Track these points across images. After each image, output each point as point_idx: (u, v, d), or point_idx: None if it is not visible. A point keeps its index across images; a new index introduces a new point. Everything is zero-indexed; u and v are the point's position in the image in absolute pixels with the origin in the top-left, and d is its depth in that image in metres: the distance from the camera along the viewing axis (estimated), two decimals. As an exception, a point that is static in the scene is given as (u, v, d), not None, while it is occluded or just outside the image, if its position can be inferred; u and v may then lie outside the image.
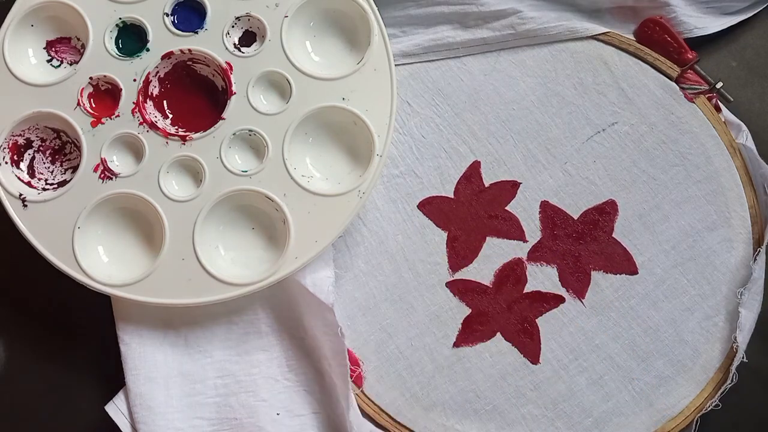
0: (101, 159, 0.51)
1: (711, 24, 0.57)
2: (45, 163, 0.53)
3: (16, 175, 0.52)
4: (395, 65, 0.52)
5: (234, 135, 0.51)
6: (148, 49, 0.52)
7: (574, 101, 0.56)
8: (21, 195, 0.51)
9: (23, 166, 0.53)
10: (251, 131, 0.51)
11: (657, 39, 0.57)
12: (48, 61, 0.54)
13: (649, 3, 0.57)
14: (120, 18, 0.52)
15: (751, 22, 0.59)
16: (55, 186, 0.52)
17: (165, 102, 0.53)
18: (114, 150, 0.52)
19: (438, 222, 0.55)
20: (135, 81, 0.52)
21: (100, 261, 0.51)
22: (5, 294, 0.57)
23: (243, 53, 0.52)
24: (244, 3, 0.52)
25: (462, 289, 0.54)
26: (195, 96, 0.54)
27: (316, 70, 0.52)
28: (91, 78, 0.52)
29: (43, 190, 0.52)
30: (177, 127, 0.53)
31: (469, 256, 0.55)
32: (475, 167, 0.56)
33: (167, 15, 0.53)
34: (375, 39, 0.52)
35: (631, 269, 0.54)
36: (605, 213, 0.55)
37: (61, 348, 0.56)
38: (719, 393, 0.52)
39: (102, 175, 0.51)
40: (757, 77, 0.58)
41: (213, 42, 0.52)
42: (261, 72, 0.52)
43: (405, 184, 0.56)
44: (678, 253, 0.54)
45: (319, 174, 0.52)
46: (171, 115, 0.53)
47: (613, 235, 0.55)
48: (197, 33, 0.52)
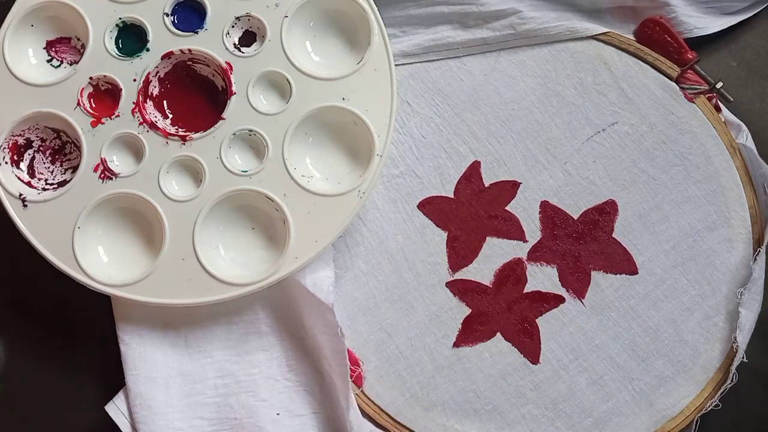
0: (101, 159, 0.51)
1: (711, 24, 0.57)
2: (45, 163, 0.53)
3: (16, 175, 0.52)
4: (395, 65, 0.52)
5: (234, 135, 0.51)
6: (148, 49, 0.52)
7: (574, 101, 0.56)
8: (21, 195, 0.51)
9: (23, 166, 0.53)
10: (251, 131, 0.51)
11: (657, 39, 0.57)
12: (48, 61, 0.54)
13: (649, 3, 0.57)
14: (120, 18, 0.52)
15: (751, 22, 0.59)
16: (55, 186, 0.52)
17: (165, 102, 0.53)
18: (114, 150, 0.52)
19: (438, 222, 0.55)
20: (135, 81, 0.52)
21: (100, 261, 0.51)
22: (5, 294, 0.57)
23: (243, 53, 0.52)
24: (244, 3, 0.52)
25: (462, 289, 0.54)
26: (195, 96, 0.54)
27: (316, 70, 0.52)
28: (91, 78, 0.52)
29: (43, 190, 0.52)
30: (177, 127, 0.53)
31: (469, 256, 0.55)
32: (475, 167, 0.56)
33: (167, 15, 0.53)
34: (375, 39, 0.52)
35: (631, 269, 0.54)
36: (605, 213, 0.55)
37: (61, 348, 0.56)
38: (719, 393, 0.52)
39: (102, 175, 0.51)
40: (757, 77, 0.58)
41: (213, 42, 0.52)
42: (261, 72, 0.52)
43: (405, 184, 0.56)
44: (678, 253, 0.54)
45: (319, 174, 0.52)
46: (171, 115, 0.53)
47: (613, 235, 0.55)
48: (197, 33, 0.52)
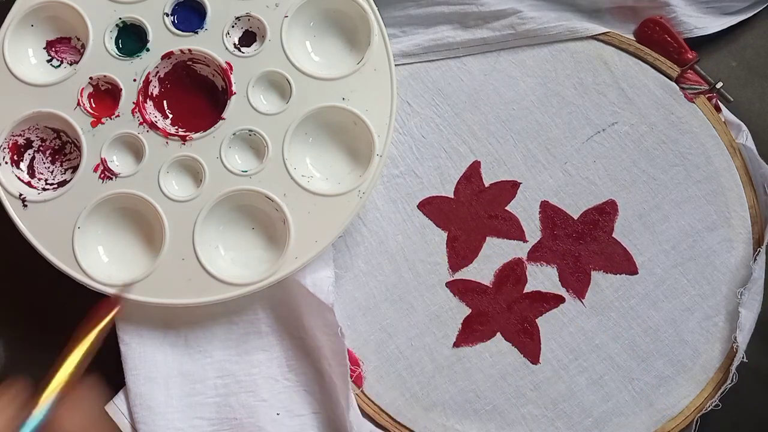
0: (101, 159, 0.51)
1: (711, 24, 0.57)
2: (45, 163, 0.53)
3: (16, 175, 0.52)
4: (395, 65, 0.52)
5: (234, 135, 0.51)
6: (148, 49, 0.52)
7: (574, 101, 0.56)
8: (21, 195, 0.51)
9: (23, 166, 0.53)
10: (251, 131, 0.51)
11: (657, 39, 0.56)
12: (48, 61, 0.54)
13: (649, 3, 0.57)
14: (120, 18, 0.52)
15: (751, 22, 0.59)
16: (55, 186, 0.52)
17: (165, 102, 0.53)
18: (114, 150, 0.52)
19: (438, 222, 0.55)
20: (135, 81, 0.52)
21: (100, 261, 0.51)
22: (5, 294, 0.56)
23: (243, 53, 0.52)
24: (244, 3, 0.52)
25: (462, 289, 0.54)
26: (195, 96, 0.54)
27: (316, 70, 0.52)
28: (91, 78, 0.52)
29: (43, 190, 0.52)
30: (177, 127, 0.53)
31: (469, 256, 0.55)
32: (475, 167, 0.56)
33: (167, 15, 0.53)
34: (375, 39, 0.52)
35: (631, 269, 0.54)
36: (605, 213, 0.55)
37: (61, 348, 0.55)
38: (719, 393, 0.52)
39: (102, 175, 0.51)
40: (757, 77, 0.58)
41: (213, 42, 0.52)
42: (261, 72, 0.52)
43: (405, 184, 0.56)
44: (678, 253, 0.54)
45: (319, 174, 0.52)
46: (171, 115, 0.53)
47: (613, 235, 0.55)
48: (197, 33, 0.52)
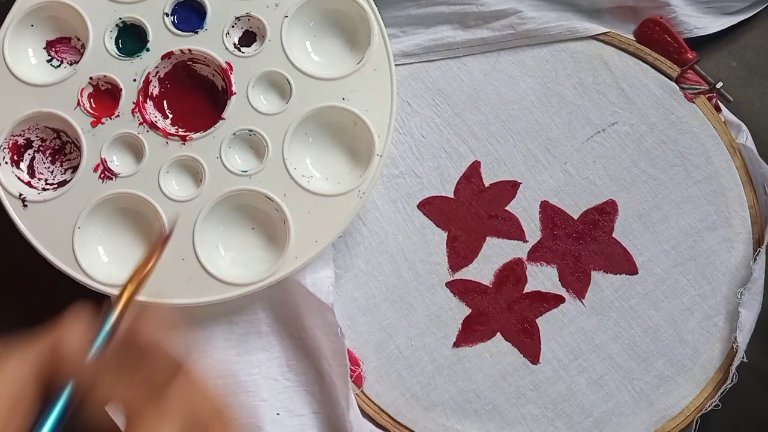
0: (101, 159, 0.51)
1: (711, 24, 0.57)
2: (45, 163, 0.53)
3: (16, 175, 0.52)
4: (395, 65, 0.52)
5: (234, 135, 0.51)
6: (148, 49, 0.52)
7: (574, 101, 0.56)
8: (21, 195, 0.51)
9: (23, 166, 0.53)
10: (251, 131, 0.51)
11: (657, 39, 0.56)
12: (48, 61, 0.54)
13: (649, 3, 0.57)
14: (120, 18, 0.52)
15: (751, 22, 0.59)
16: (55, 186, 0.52)
17: (165, 102, 0.53)
18: (114, 150, 0.52)
19: (438, 222, 0.55)
20: (135, 81, 0.52)
21: (100, 261, 0.51)
22: (5, 294, 0.56)
23: (243, 53, 0.52)
24: (244, 3, 0.52)
25: (462, 289, 0.54)
26: (195, 96, 0.54)
27: (316, 70, 0.52)
28: (91, 78, 0.52)
29: (43, 190, 0.52)
30: (177, 127, 0.53)
31: (469, 256, 0.55)
32: (475, 167, 0.56)
33: (167, 15, 0.53)
34: (375, 39, 0.52)
35: (631, 269, 0.54)
36: (605, 213, 0.55)
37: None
38: (719, 393, 0.52)
39: (102, 175, 0.51)
40: (757, 77, 0.58)
41: (213, 42, 0.52)
42: (261, 72, 0.52)
43: (405, 184, 0.56)
44: (678, 253, 0.54)
45: (319, 174, 0.52)
46: (171, 115, 0.53)
47: (613, 235, 0.55)
48: (197, 33, 0.52)
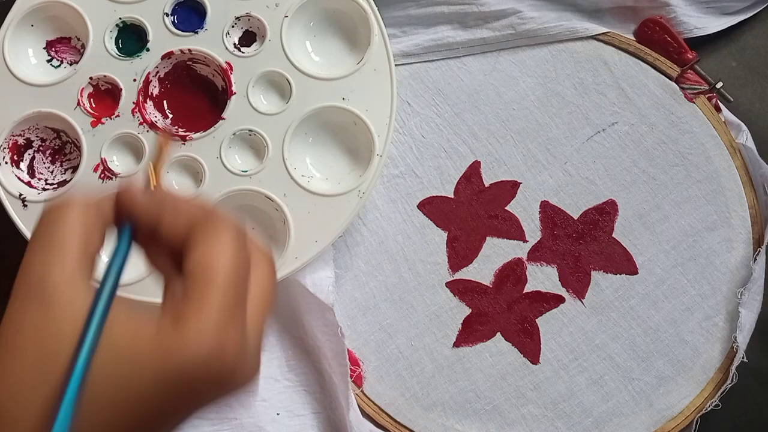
0: (101, 159, 0.51)
1: (711, 24, 0.57)
2: (45, 163, 0.53)
3: (16, 175, 0.52)
4: (395, 65, 0.52)
5: (234, 135, 0.51)
6: (148, 49, 0.52)
7: (574, 101, 0.56)
8: (21, 195, 0.51)
9: (23, 166, 0.53)
10: (251, 131, 0.51)
11: (657, 39, 0.56)
12: (48, 61, 0.54)
13: (649, 3, 0.57)
14: (120, 18, 0.52)
15: (751, 22, 0.59)
16: (55, 186, 0.52)
17: (165, 102, 0.53)
18: (114, 150, 0.52)
19: (438, 222, 0.55)
20: (135, 81, 0.52)
21: (100, 261, 0.51)
22: (5, 294, 0.56)
23: (243, 53, 0.52)
24: (244, 3, 0.52)
25: (462, 289, 0.54)
26: (195, 96, 0.54)
27: (316, 70, 0.52)
28: (91, 78, 0.52)
29: (43, 190, 0.52)
30: (177, 127, 0.53)
31: (469, 256, 0.55)
32: (475, 167, 0.56)
33: (167, 15, 0.53)
34: (375, 39, 0.52)
35: (631, 269, 0.54)
36: (605, 213, 0.55)
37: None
38: (719, 393, 0.52)
39: (102, 175, 0.51)
40: (757, 77, 0.58)
41: (213, 42, 0.52)
42: (261, 72, 0.52)
43: (405, 184, 0.56)
44: (678, 253, 0.54)
45: (319, 174, 0.52)
46: (171, 115, 0.53)
47: (613, 235, 0.55)
48: (197, 33, 0.52)
